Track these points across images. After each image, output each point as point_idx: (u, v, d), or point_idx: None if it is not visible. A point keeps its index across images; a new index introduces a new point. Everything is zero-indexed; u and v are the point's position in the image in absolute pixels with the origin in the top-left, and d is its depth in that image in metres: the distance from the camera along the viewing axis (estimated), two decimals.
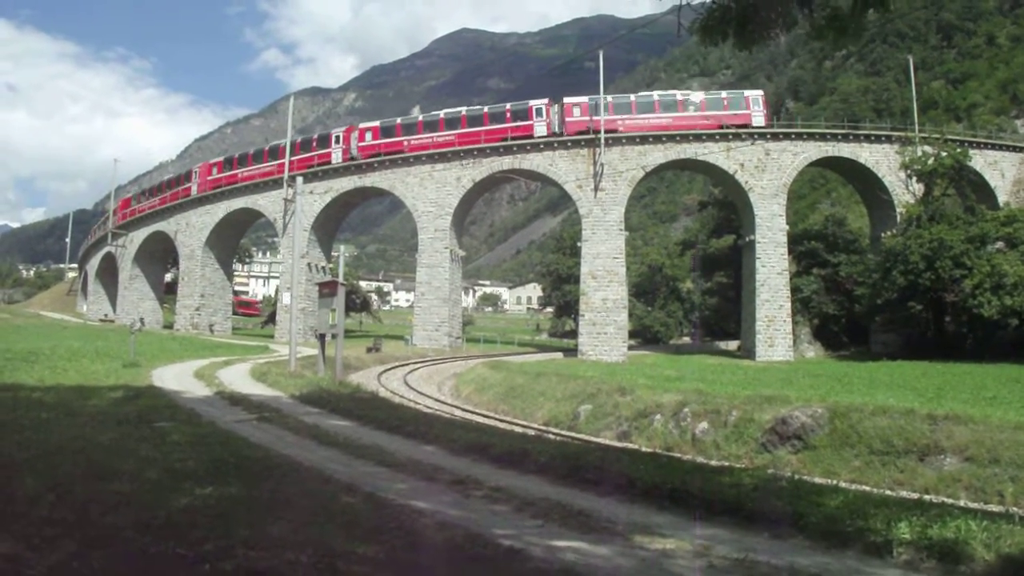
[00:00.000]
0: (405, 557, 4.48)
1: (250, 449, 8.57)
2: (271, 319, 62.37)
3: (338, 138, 48.46)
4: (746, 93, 45.87)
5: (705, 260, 57.69)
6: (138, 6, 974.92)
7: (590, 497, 6.68)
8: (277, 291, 61.20)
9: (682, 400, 17.79)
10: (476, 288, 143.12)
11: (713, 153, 42.29)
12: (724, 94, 47.84)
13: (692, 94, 48.05)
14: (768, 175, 42.37)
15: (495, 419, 19.77)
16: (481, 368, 32.21)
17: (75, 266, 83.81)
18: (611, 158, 42.19)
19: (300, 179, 26.65)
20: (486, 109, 47.03)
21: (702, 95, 46.98)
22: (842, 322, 45.01)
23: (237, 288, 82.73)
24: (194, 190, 53.31)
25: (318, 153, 48.33)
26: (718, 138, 42.38)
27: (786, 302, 41.67)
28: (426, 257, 44.61)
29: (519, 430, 15.24)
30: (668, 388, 19.63)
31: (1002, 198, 43.62)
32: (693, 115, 43.53)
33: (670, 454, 13.20)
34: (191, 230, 52.38)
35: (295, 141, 48.39)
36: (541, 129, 43.58)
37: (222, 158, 56.67)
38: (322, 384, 17.83)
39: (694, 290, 62.55)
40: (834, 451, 13.67)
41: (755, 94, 45.13)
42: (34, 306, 71.43)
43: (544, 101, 44.93)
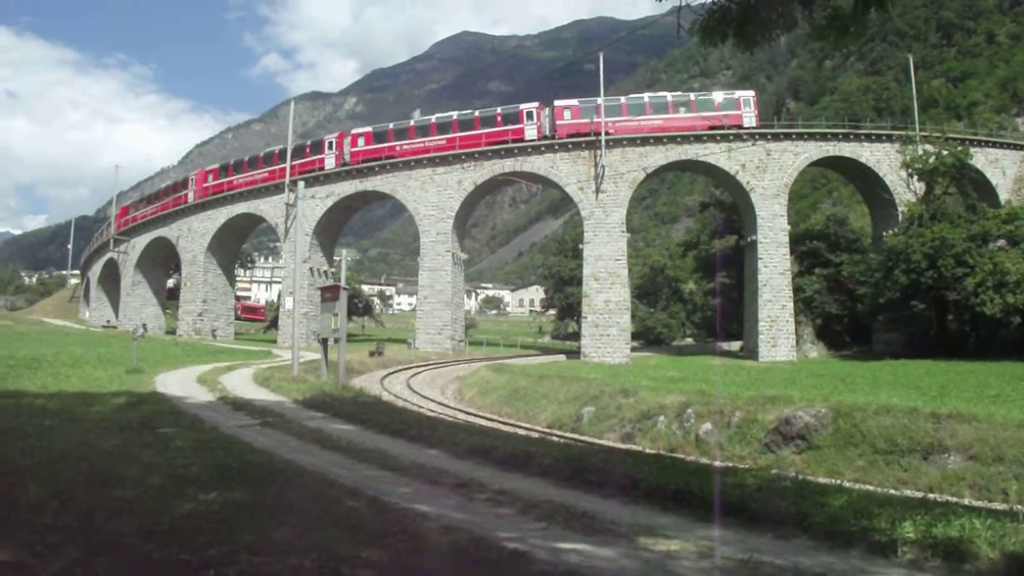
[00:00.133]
0: (409, 561, 4.48)
1: (253, 454, 8.57)
2: (274, 324, 62.41)
3: (331, 144, 48.61)
4: (737, 94, 45.96)
5: (707, 261, 57.65)
6: (137, 12, 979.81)
7: (594, 499, 6.68)
8: (280, 296, 61.32)
9: (685, 401, 17.75)
10: (478, 291, 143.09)
11: (714, 154, 42.30)
12: (715, 95, 47.80)
13: (682, 95, 48.01)
14: (769, 175, 42.38)
15: (498, 422, 19.76)
16: (484, 371, 32.20)
17: (77, 273, 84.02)
18: (612, 160, 42.21)
19: (302, 184, 26.75)
20: (477, 113, 47.04)
21: (692, 96, 46.98)
22: (845, 322, 44.97)
23: (240, 293, 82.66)
24: (190, 197, 53.56)
25: (312, 159, 48.50)
26: (719, 139, 42.40)
27: (788, 302, 41.64)
28: (428, 260, 44.64)
29: (522, 433, 15.20)
30: (671, 389, 19.59)
31: (1003, 196, 43.59)
32: (684, 116, 43.56)
33: (674, 455, 13.15)
34: (193, 236, 52.48)
35: (288, 148, 48.55)
36: (532, 132, 43.67)
37: (218, 165, 56.76)
38: (325, 388, 17.84)
39: (696, 291, 62.47)
40: (838, 451, 13.63)
41: (746, 95, 45.15)
42: (36, 313, 71.62)
43: (535, 104, 45.10)
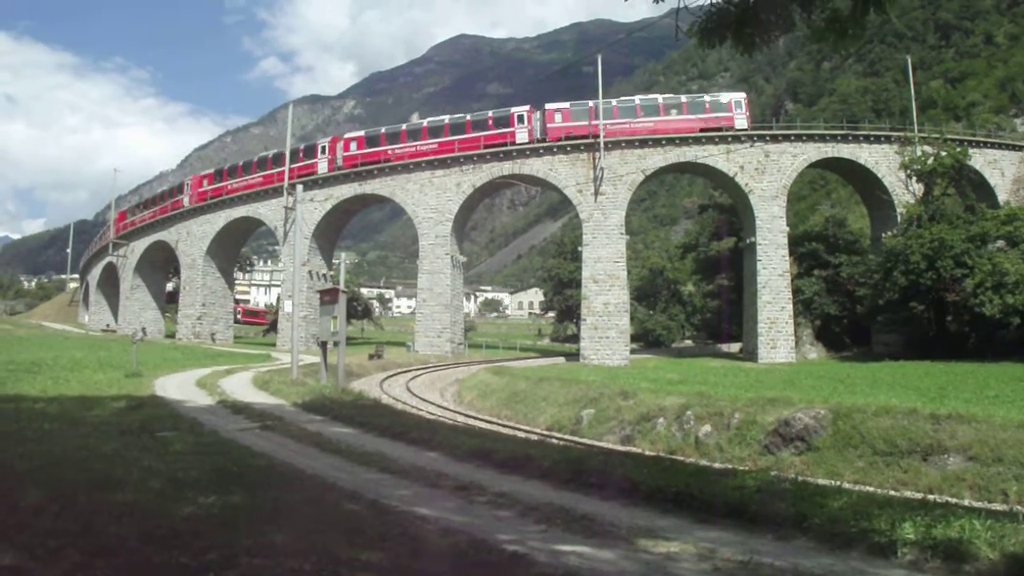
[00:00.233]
0: (409, 564, 4.48)
1: (253, 457, 8.57)
2: (273, 327, 62.38)
3: (324, 148, 48.85)
4: (729, 96, 46.11)
5: (706, 263, 57.68)
6: (135, 16, 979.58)
7: (593, 501, 6.68)
8: (279, 299, 61.29)
9: (685, 403, 17.75)
10: (477, 294, 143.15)
11: (713, 156, 42.36)
12: (706, 97, 47.87)
13: (673, 97, 48.10)
14: (768, 177, 42.43)
15: (498, 425, 19.78)
16: (483, 374, 32.19)
17: (76, 277, 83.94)
18: (611, 162, 42.24)
19: (300, 187, 26.71)
20: (468, 117, 47.21)
21: (684, 99, 47.11)
22: (844, 323, 45.02)
23: (239, 297, 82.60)
24: (186, 202, 53.68)
25: (305, 164, 48.60)
26: (717, 140, 42.47)
27: (788, 304, 41.67)
28: (427, 263, 44.65)
29: (522, 435, 15.20)
30: (670, 391, 19.59)
31: (1002, 196, 43.65)
32: (675, 118, 43.65)
33: (673, 457, 13.15)
34: (192, 239, 52.51)
35: (282, 153, 48.61)
36: (523, 136, 43.92)
37: (212, 170, 56.89)
38: (324, 392, 17.83)
39: (695, 293, 62.51)
40: (837, 452, 13.62)
41: (737, 97, 45.33)
42: (36, 317, 71.50)
43: (526, 108, 45.38)
